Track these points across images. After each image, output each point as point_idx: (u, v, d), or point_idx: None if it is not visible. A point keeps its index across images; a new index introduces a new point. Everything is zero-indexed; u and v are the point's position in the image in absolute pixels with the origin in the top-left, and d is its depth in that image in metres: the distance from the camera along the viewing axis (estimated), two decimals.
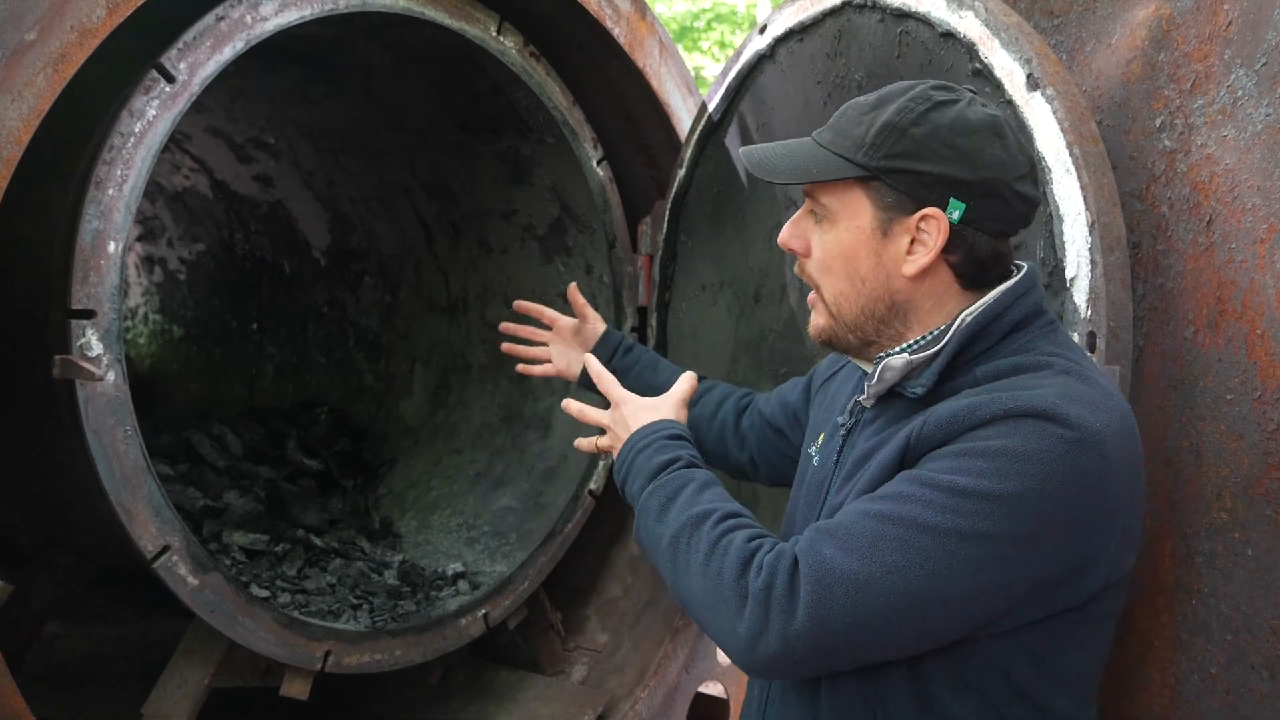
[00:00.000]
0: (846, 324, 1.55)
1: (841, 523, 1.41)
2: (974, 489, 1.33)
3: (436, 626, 2.79)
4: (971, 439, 1.36)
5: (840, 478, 1.59)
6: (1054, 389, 1.37)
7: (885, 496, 1.40)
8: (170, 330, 5.19)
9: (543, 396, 3.36)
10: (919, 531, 1.34)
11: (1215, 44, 1.77)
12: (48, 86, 1.93)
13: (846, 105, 1.55)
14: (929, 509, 1.34)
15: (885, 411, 1.56)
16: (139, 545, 2.23)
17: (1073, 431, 1.33)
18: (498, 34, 2.80)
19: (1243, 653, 1.70)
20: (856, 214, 1.50)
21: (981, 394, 1.40)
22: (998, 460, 1.33)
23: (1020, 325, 1.48)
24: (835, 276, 1.54)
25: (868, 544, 1.36)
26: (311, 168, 3.93)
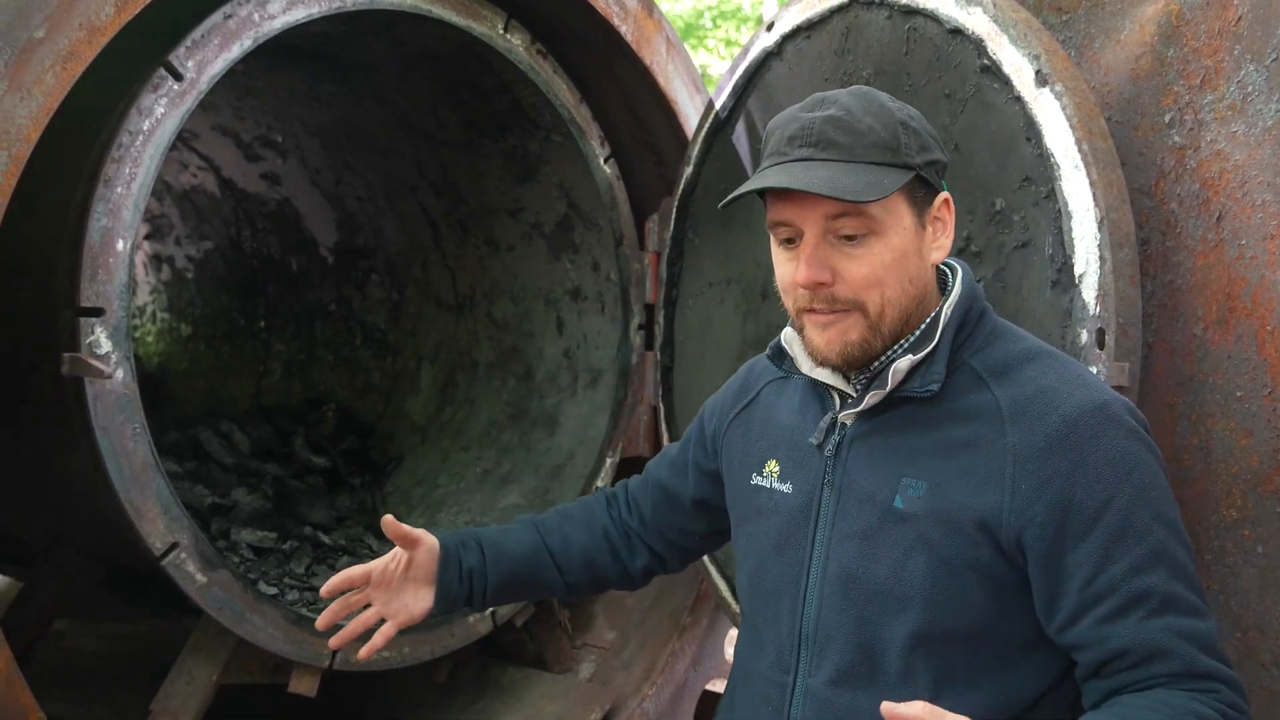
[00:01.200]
0: (886, 332, 1.51)
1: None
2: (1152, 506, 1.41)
3: (444, 624, 2.79)
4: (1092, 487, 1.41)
5: (837, 500, 1.55)
6: (1075, 385, 1.46)
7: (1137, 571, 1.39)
8: (178, 328, 5.20)
9: (550, 394, 3.36)
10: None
11: (1225, 39, 1.77)
12: (56, 84, 1.93)
13: (819, 124, 1.48)
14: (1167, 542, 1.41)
15: (874, 422, 1.54)
16: (148, 542, 2.23)
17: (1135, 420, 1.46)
18: (505, 32, 2.80)
19: (1253, 650, 1.69)
20: (901, 217, 1.49)
21: (1028, 420, 1.44)
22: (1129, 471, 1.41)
23: (984, 312, 1.56)
24: (886, 287, 1.49)
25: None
26: (319, 166, 3.94)
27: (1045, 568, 1.41)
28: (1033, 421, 1.42)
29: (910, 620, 1.47)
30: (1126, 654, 1.37)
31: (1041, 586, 1.43)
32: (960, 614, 1.46)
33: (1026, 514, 1.41)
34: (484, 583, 1.86)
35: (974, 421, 1.47)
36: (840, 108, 1.49)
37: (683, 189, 2.85)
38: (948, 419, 1.49)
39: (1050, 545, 1.40)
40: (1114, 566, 1.37)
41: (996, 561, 1.45)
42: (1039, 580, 1.42)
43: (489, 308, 3.61)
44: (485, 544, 1.87)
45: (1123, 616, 1.37)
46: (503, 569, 1.86)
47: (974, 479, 1.44)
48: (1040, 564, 1.41)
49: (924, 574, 1.47)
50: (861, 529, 1.52)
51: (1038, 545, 1.41)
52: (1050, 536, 1.40)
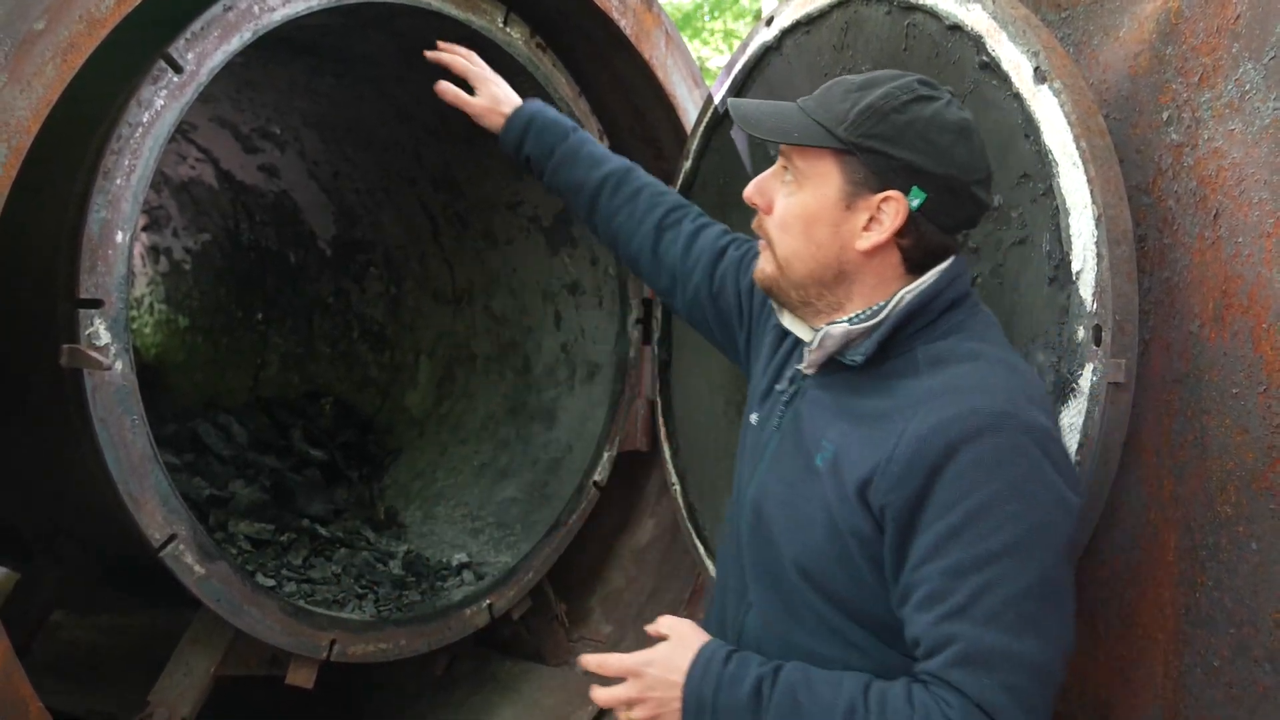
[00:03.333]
0: (792, 281, 1.64)
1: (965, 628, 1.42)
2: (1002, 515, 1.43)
3: (441, 617, 2.80)
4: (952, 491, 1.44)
5: (780, 443, 1.69)
6: (995, 391, 1.49)
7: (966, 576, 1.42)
8: (175, 320, 5.20)
9: (547, 388, 3.37)
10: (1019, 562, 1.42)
11: (1223, 37, 1.77)
12: (56, 76, 1.93)
13: (834, 81, 1.64)
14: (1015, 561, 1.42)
15: (825, 379, 1.66)
16: (146, 534, 2.24)
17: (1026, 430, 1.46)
18: (504, 25, 2.80)
19: (1246, 646, 1.70)
20: (825, 182, 1.59)
21: (928, 407, 1.48)
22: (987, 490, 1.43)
23: (953, 306, 1.61)
24: (792, 236, 1.62)
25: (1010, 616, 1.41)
26: (317, 158, 3.94)
27: (896, 546, 1.48)
28: (931, 410, 1.48)
29: (804, 573, 1.59)
30: (918, 643, 1.45)
31: (890, 562, 1.50)
32: (845, 579, 1.55)
33: (892, 491, 1.47)
34: (542, 175, 2.27)
35: (894, 399, 1.54)
36: (863, 78, 1.61)
37: (681, 183, 2.85)
38: (875, 391, 1.58)
39: (905, 525, 1.47)
40: (938, 560, 1.43)
41: (874, 534, 1.52)
42: (889, 555, 1.50)
43: (487, 301, 3.61)
44: (561, 150, 2.23)
45: (925, 609, 1.44)
46: (553, 182, 2.25)
47: (867, 449, 1.52)
48: (892, 541, 1.49)
49: (821, 532, 1.57)
50: (790, 476, 1.65)
51: (895, 524, 1.48)
52: (906, 518, 1.46)
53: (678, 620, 1.65)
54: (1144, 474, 1.87)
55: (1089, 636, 1.96)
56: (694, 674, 1.55)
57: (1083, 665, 1.97)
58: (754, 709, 1.50)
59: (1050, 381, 1.89)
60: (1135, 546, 1.88)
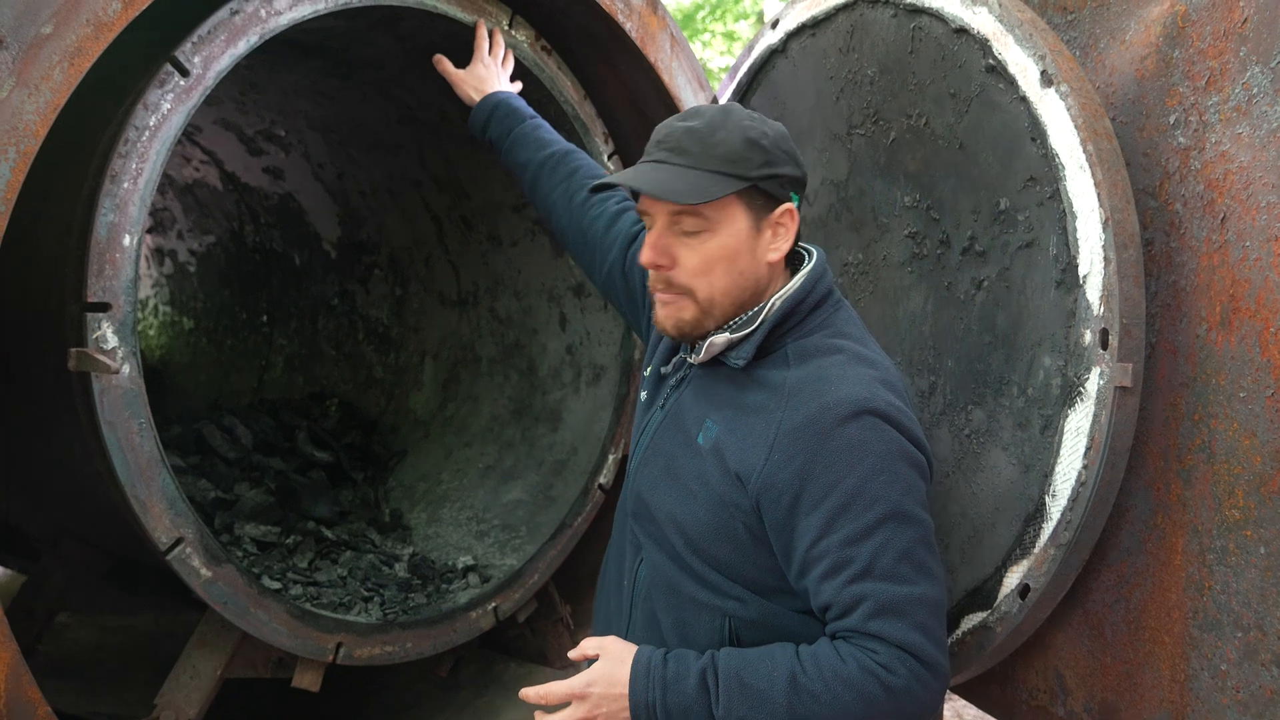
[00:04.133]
0: (717, 315, 1.78)
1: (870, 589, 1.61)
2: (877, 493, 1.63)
3: (447, 619, 2.80)
4: (826, 475, 1.63)
5: (664, 420, 1.86)
6: (853, 381, 1.67)
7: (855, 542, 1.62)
8: (180, 322, 5.21)
9: (552, 390, 3.37)
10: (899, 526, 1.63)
11: (1230, 41, 1.77)
12: (64, 80, 1.93)
13: (680, 130, 1.74)
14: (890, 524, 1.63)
15: (708, 370, 1.83)
16: (153, 537, 2.24)
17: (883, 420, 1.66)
18: (510, 27, 2.81)
19: (1253, 650, 1.70)
20: (735, 219, 1.73)
21: (798, 400, 1.67)
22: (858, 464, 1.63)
23: (819, 304, 1.79)
24: (716, 276, 1.75)
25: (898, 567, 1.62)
26: (322, 160, 3.94)
27: (780, 529, 1.66)
28: (800, 403, 1.67)
29: (685, 534, 1.75)
30: (829, 608, 1.63)
31: (778, 544, 1.68)
32: (725, 544, 1.72)
33: (771, 480, 1.65)
34: (501, 155, 2.49)
35: (767, 391, 1.72)
36: (702, 120, 1.74)
37: None
38: (753, 385, 1.75)
39: (786, 511, 1.65)
40: (832, 535, 1.61)
41: (751, 509, 1.69)
42: (775, 538, 1.68)
43: (492, 303, 3.61)
44: (516, 132, 2.44)
45: (831, 577, 1.62)
46: (507, 160, 2.47)
47: (748, 438, 1.70)
48: (775, 526, 1.67)
49: (703, 503, 1.74)
50: (670, 449, 1.82)
51: (774, 509, 1.66)
52: (786, 503, 1.64)
53: (602, 638, 1.76)
54: (1151, 478, 1.87)
55: (1095, 640, 1.96)
56: (636, 682, 1.66)
57: (1089, 669, 1.97)
58: (704, 700, 1.62)
59: (1057, 385, 1.89)
60: (1142, 550, 1.88)
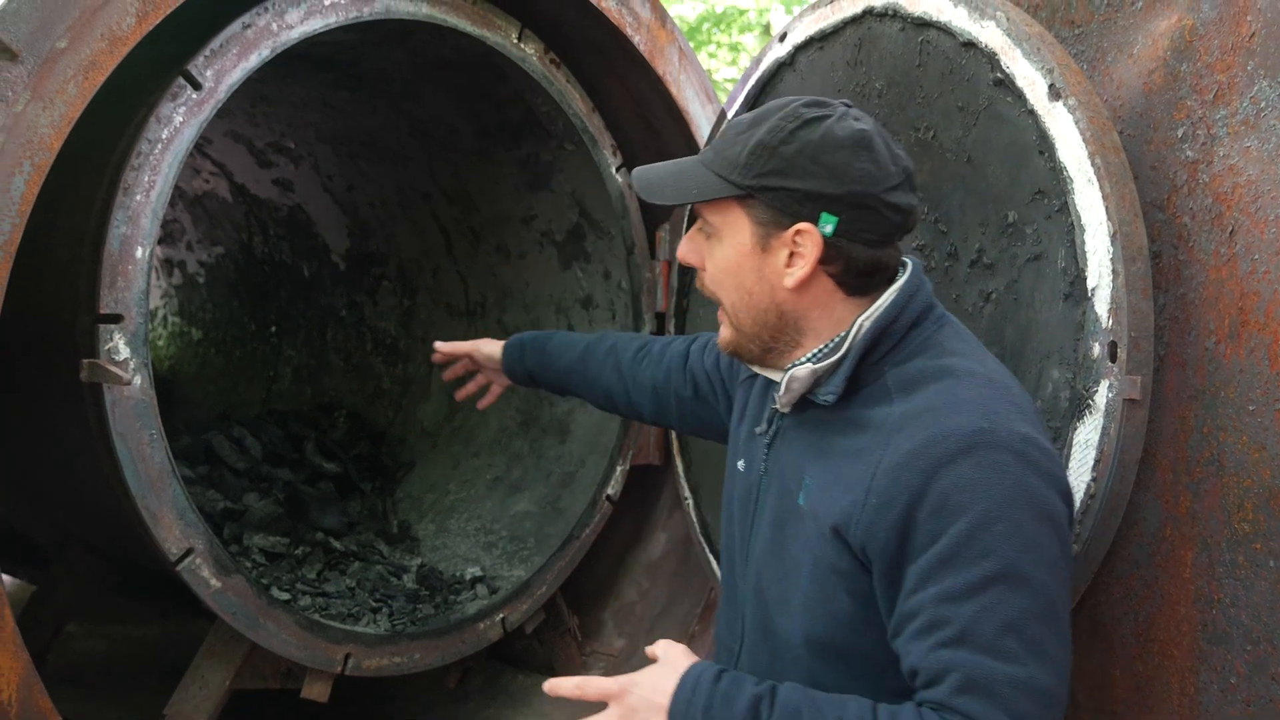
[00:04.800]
0: (745, 334, 1.63)
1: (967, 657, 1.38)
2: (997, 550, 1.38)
3: (455, 630, 2.80)
4: (939, 520, 1.40)
5: (770, 486, 1.67)
6: (968, 408, 1.44)
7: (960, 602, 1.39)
8: (189, 333, 5.22)
9: (560, 402, 3.37)
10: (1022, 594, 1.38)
11: (1238, 55, 1.78)
12: (78, 94, 1.95)
13: (728, 124, 1.63)
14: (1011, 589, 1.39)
15: (801, 416, 1.63)
16: (163, 548, 2.25)
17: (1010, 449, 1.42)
18: (519, 41, 2.82)
19: (1263, 664, 1.70)
20: (737, 230, 1.58)
21: (901, 436, 1.45)
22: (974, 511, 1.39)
23: (917, 323, 1.57)
24: (726, 290, 1.62)
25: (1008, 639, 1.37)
26: (331, 172, 3.96)
27: (885, 580, 1.46)
28: (904, 438, 1.44)
29: (796, 619, 1.57)
30: (917, 673, 1.41)
31: (882, 598, 1.47)
32: (831, 620, 1.53)
33: (872, 527, 1.44)
34: (548, 380, 2.43)
35: (869, 432, 1.50)
36: (751, 116, 1.58)
37: None
38: (850, 426, 1.54)
39: (892, 559, 1.44)
40: (929, 589, 1.39)
41: (855, 570, 1.49)
42: (880, 591, 1.47)
43: (500, 315, 3.62)
44: (550, 345, 2.41)
45: (921, 637, 1.40)
46: (551, 377, 2.41)
47: (842, 486, 1.50)
48: (882, 577, 1.46)
49: (806, 574, 1.55)
50: (777, 518, 1.63)
51: (880, 559, 1.45)
52: (892, 551, 1.43)
53: (672, 644, 1.60)
54: (1160, 490, 1.87)
55: (1105, 653, 1.96)
56: (681, 694, 1.49)
57: (1098, 682, 1.97)
58: None
59: (1065, 398, 1.89)
60: (1151, 563, 1.88)
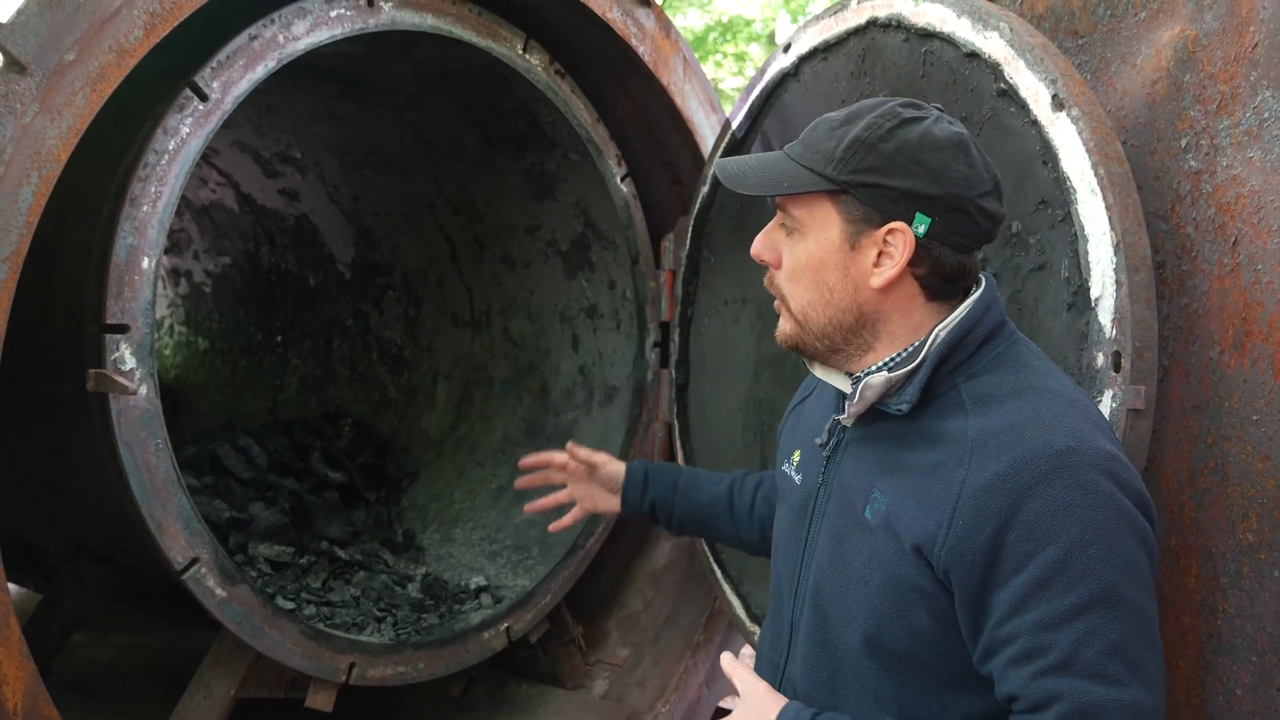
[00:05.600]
0: (814, 332, 1.59)
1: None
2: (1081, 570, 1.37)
3: (459, 640, 2.80)
4: (1025, 546, 1.38)
5: (829, 498, 1.63)
6: (1053, 427, 1.42)
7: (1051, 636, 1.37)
8: (195, 342, 5.24)
9: (565, 411, 3.38)
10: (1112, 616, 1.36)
11: (1241, 65, 1.78)
12: (86, 106, 1.96)
13: (817, 121, 1.59)
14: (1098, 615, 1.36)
15: (868, 429, 1.59)
16: (169, 557, 2.25)
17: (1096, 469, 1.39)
18: (524, 52, 2.83)
19: (1269, 674, 1.69)
20: (825, 226, 1.54)
21: (985, 455, 1.42)
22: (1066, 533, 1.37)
23: (990, 336, 1.54)
24: (804, 286, 1.57)
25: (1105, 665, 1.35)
26: (337, 182, 3.97)
27: (971, 604, 1.43)
28: (988, 458, 1.41)
29: (859, 631, 1.52)
30: (1016, 699, 1.39)
31: (965, 619, 1.44)
32: (905, 635, 1.49)
33: (958, 550, 1.41)
34: (669, 513, 2.22)
35: (944, 446, 1.47)
36: (846, 113, 1.56)
37: (698, 208, 2.87)
38: (923, 440, 1.51)
39: (978, 584, 1.41)
40: (1026, 615, 1.37)
41: (936, 589, 1.46)
42: (963, 613, 1.44)
43: (505, 324, 3.63)
44: (680, 481, 2.21)
45: (1021, 665, 1.38)
46: (686, 506, 2.20)
47: (923, 504, 1.46)
48: (966, 601, 1.43)
49: (876, 588, 1.51)
50: (838, 531, 1.59)
51: (965, 583, 1.42)
52: (978, 576, 1.40)
53: (751, 677, 1.59)
54: (1165, 500, 1.87)
55: None
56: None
57: None
58: None
59: None
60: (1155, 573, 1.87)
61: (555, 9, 2.83)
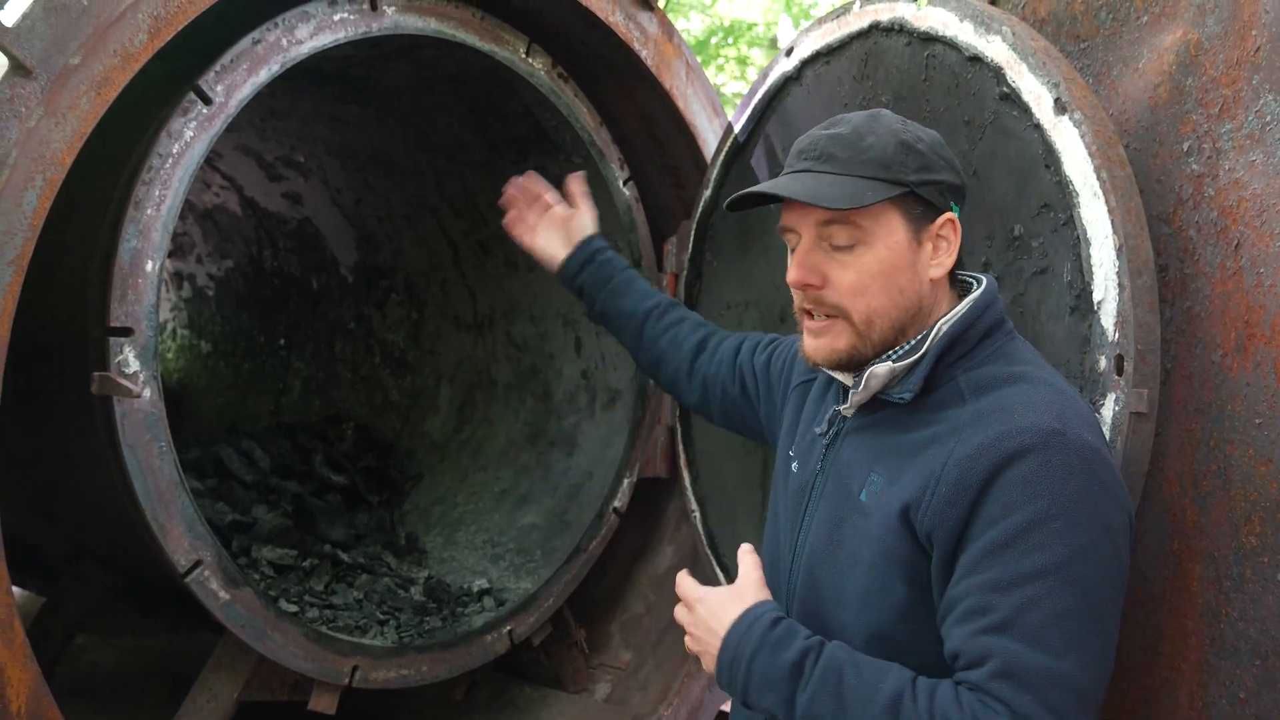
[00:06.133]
0: (875, 341, 1.62)
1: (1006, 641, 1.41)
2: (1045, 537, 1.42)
3: (462, 643, 2.81)
4: (998, 506, 1.44)
5: (825, 485, 1.69)
6: (1042, 409, 1.48)
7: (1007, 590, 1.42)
8: (198, 345, 5.25)
9: (567, 414, 3.38)
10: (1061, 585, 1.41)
11: (1243, 69, 1.78)
12: (90, 109, 1.96)
13: (832, 136, 1.62)
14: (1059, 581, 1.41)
15: (868, 418, 1.66)
16: (172, 560, 2.26)
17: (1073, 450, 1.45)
18: (527, 56, 2.84)
19: (1272, 678, 1.69)
20: (892, 230, 1.59)
21: (975, 428, 1.49)
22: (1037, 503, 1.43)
23: (989, 332, 1.62)
24: (872, 296, 1.59)
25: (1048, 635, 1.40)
26: (340, 186, 3.98)
27: (943, 566, 1.49)
28: (977, 431, 1.48)
29: (851, 611, 1.59)
30: (958, 655, 1.45)
31: (937, 581, 1.50)
32: (885, 610, 1.55)
33: (940, 514, 1.47)
34: (592, 303, 2.44)
35: (939, 427, 1.55)
36: (848, 125, 1.62)
37: (701, 211, 2.87)
38: (920, 426, 1.58)
39: (952, 546, 1.47)
40: (979, 575, 1.43)
41: (918, 558, 1.52)
42: (936, 575, 1.50)
43: (508, 328, 3.63)
44: (617, 279, 2.40)
45: (966, 622, 1.44)
46: (606, 307, 2.41)
47: (914, 474, 1.53)
48: (940, 563, 1.49)
49: (865, 568, 1.57)
50: (833, 515, 1.65)
51: (942, 546, 1.48)
52: (954, 539, 1.47)
53: (754, 563, 1.68)
54: (1167, 504, 1.87)
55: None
56: (736, 629, 1.58)
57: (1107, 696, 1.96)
58: (792, 678, 1.50)
59: None
60: (1158, 577, 1.87)
61: (558, 13, 2.84)
